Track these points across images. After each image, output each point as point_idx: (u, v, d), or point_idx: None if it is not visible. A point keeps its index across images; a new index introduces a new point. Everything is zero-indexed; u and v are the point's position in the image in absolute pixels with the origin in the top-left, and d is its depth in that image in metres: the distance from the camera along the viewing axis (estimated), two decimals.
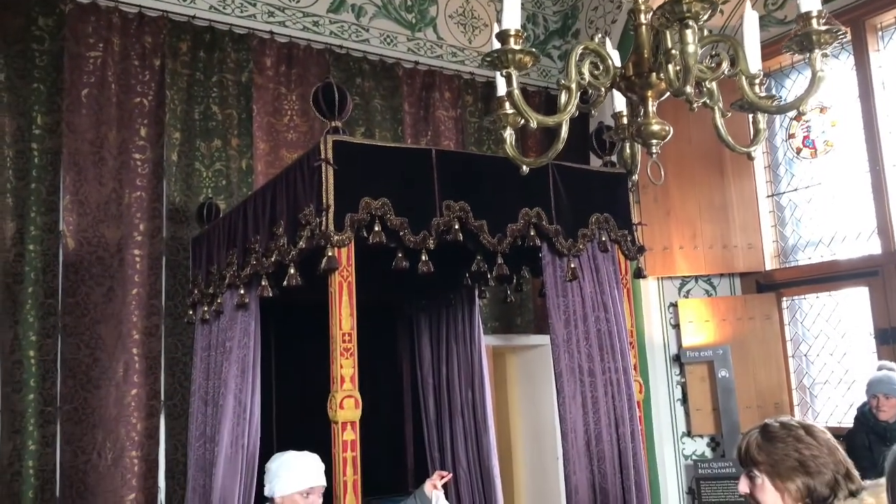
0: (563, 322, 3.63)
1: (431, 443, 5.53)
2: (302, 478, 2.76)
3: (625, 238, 3.87)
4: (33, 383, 4.50)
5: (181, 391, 4.92)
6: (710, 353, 5.97)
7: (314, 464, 2.81)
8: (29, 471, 4.42)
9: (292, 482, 2.76)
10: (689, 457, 6.09)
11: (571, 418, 3.53)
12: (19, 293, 4.54)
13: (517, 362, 7.09)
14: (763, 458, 1.84)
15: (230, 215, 4.28)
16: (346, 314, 3.17)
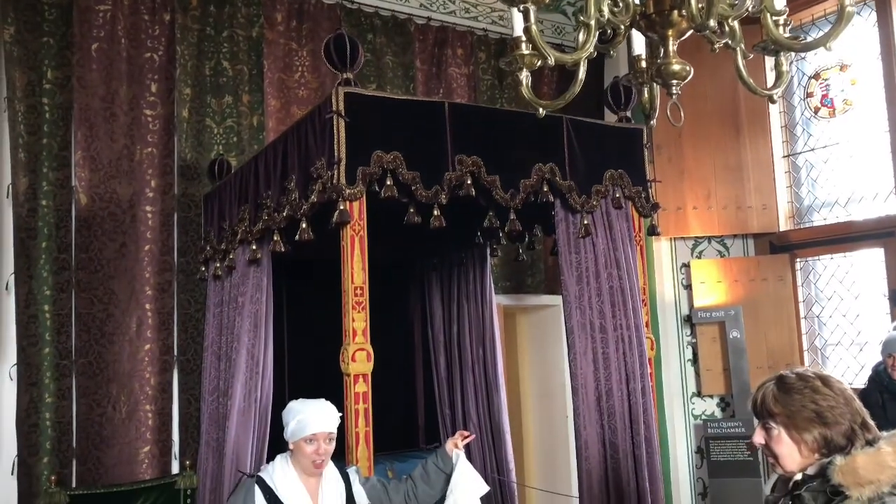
0: (575, 279, 3.62)
1: (442, 400, 5.57)
2: (305, 424, 2.77)
3: (639, 195, 3.84)
4: (48, 337, 4.55)
5: (194, 346, 4.96)
6: (722, 314, 5.96)
7: (319, 410, 2.79)
8: (46, 423, 4.48)
9: (298, 429, 2.78)
10: (698, 417, 6.11)
11: (582, 374, 3.53)
12: (33, 248, 4.57)
13: (528, 322, 7.11)
14: (779, 410, 1.83)
15: (241, 171, 4.26)
16: (358, 268, 3.17)
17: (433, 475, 3.05)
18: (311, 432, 2.75)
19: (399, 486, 3.05)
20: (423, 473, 3.07)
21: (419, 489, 3.03)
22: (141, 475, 4.66)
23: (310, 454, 2.75)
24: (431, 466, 3.06)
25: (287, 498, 2.73)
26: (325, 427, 2.77)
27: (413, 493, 3.03)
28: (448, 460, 3.03)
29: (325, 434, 2.77)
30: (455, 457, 3.04)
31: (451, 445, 3.06)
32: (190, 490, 4.64)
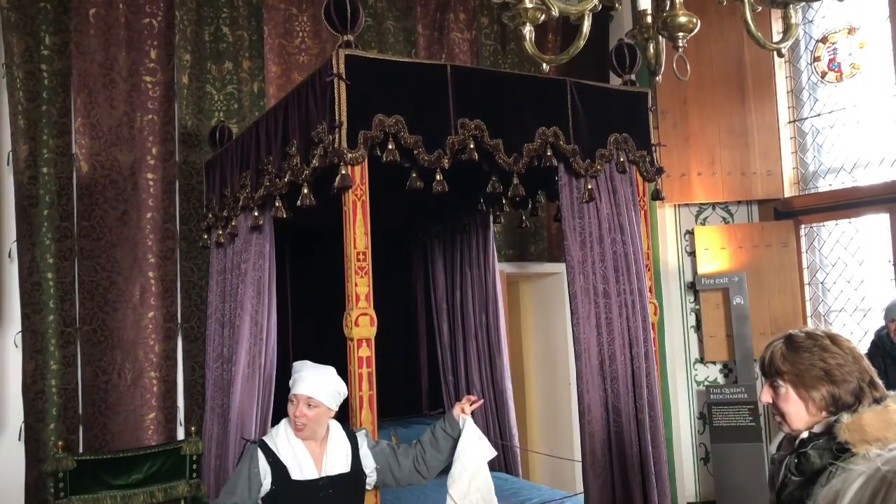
0: (578, 244, 3.60)
1: (445, 366, 5.60)
2: (293, 384, 2.79)
3: (643, 159, 3.80)
4: (52, 305, 4.56)
5: (197, 314, 4.97)
6: (726, 281, 5.95)
7: (309, 375, 2.78)
8: (52, 389, 4.51)
9: (290, 387, 2.80)
10: (701, 383, 6.13)
11: (585, 339, 3.53)
12: (35, 216, 4.55)
13: (531, 290, 7.10)
14: (788, 368, 1.82)
15: (242, 137, 4.23)
16: (361, 233, 3.15)
17: (441, 440, 3.05)
18: (292, 393, 2.77)
19: (408, 451, 3.06)
20: (432, 438, 3.06)
21: (428, 454, 3.03)
22: (147, 441, 4.70)
23: (290, 414, 2.77)
24: (439, 431, 3.06)
25: (289, 460, 2.74)
26: (304, 390, 2.75)
27: (422, 458, 3.03)
28: (455, 425, 3.03)
29: (304, 397, 2.75)
30: (462, 422, 3.04)
31: (458, 410, 3.05)
32: (195, 456, 4.68)
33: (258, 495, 2.74)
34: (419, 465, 3.02)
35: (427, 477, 3.08)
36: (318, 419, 2.78)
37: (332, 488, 2.75)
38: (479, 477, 2.96)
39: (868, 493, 0.81)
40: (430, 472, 3.06)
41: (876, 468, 0.83)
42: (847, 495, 0.83)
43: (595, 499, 3.44)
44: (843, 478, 0.86)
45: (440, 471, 3.11)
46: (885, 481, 0.81)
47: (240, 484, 2.75)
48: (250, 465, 2.76)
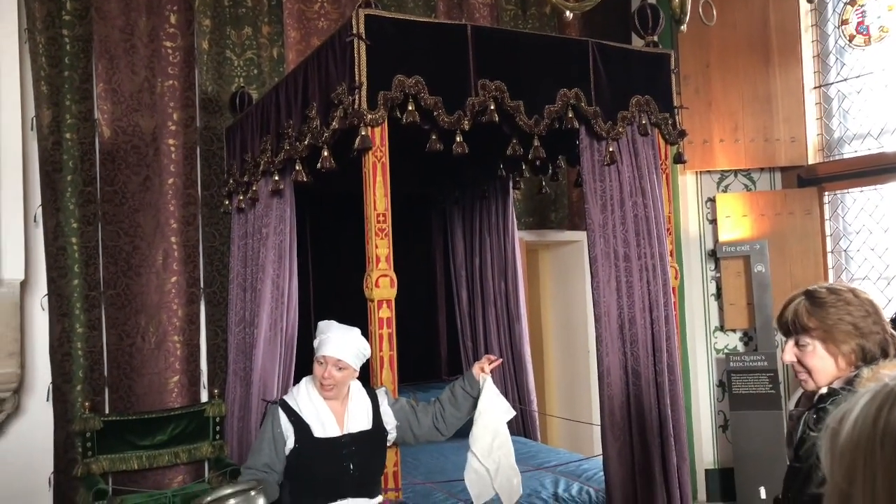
0: (599, 207, 3.59)
1: (464, 332, 5.62)
2: (320, 345, 2.81)
3: (665, 122, 3.76)
4: (77, 269, 4.62)
5: (220, 279, 5.02)
6: (747, 248, 5.89)
7: (338, 336, 2.81)
8: (78, 352, 4.59)
9: (316, 348, 2.82)
10: (720, 351, 6.11)
11: (605, 302, 3.53)
12: (59, 181, 4.60)
13: (550, 259, 7.09)
14: (815, 324, 1.82)
15: (263, 102, 4.24)
16: (381, 195, 3.16)
17: (461, 398, 3.07)
18: (321, 354, 2.79)
19: (427, 409, 3.09)
20: (451, 397, 3.09)
21: (447, 412, 3.07)
22: (171, 403, 4.78)
23: (318, 375, 2.79)
24: (459, 390, 3.08)
25: (311, 418, 2.78)
26: (334, 353, 2.77)
27: (441, 416, 3.06)
28: (475, 384, 3.05)
29: (333, 359, 2.77)
30: (482, 381, 3.06)
31: (478, 370, 3.08)
32: (218, 418, 4.77)
33: (284, 454, 2.79)
34: (438, 423, 3.06)
35: (445, 434, 3.11)
36: (345, 380, 2.82)
37: (355, 445, 2.78)
38: (501, 435, 2.99)
39: (875, 406, 0.82)
40: (449, 429, 3.10)
41: (884, 384, 0.84)
42: (854, 411, 0.84)
43: (614, 461, 3.46)
44: (852, 398, 0.87)
45: (457, 428, 3.15)
46: (891, 394, 0.82)
47: (265, 444, 2.80)
48: (273, 424, 2.80)
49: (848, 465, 0.82)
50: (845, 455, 0.83)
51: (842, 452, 0.84)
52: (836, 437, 0.86)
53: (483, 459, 2.94)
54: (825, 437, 0.89)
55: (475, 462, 2.96)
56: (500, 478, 2.96)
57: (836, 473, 0.84)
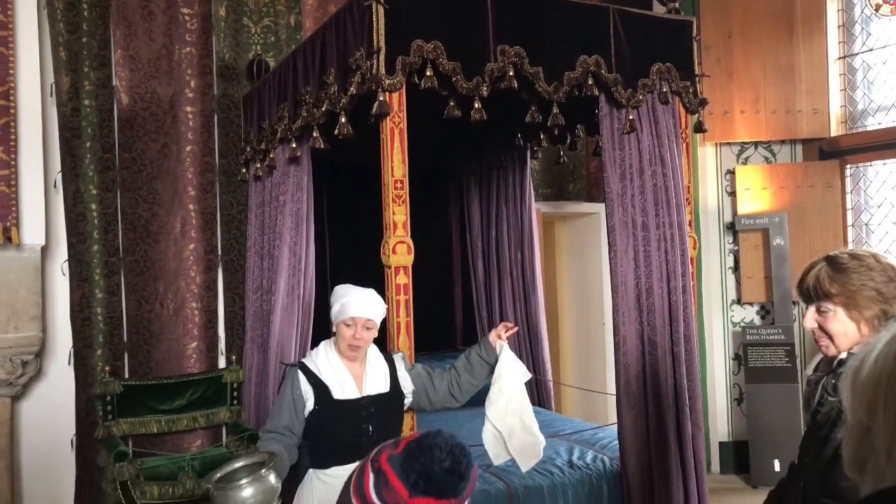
0: (618, 176, 3.56)
1: (480, 303, 5.63)
2: (347, 308, 2.82)
3: (686, 90, 3.71)
4: (96, 235, 4.66)
5: (237, 247, 5.05)
6: (766, 221, 5.84)
7: (362, 297, 2.83)
8: (98, 317, 4.65)
9: (340, 311, 2.83)
10: (737, 324, 6.09)
11: (622, 272, 3.52)
12: (78, 148, 4.63)
13: (567, 231, 7.07)
14: (837, 290, 1.80)
15: (280, 68, 4.22)
16: (398, 161, 3.15)
17: (476, 365, 3.09)
18: (350, 315, 2.80)
19: (443, 375, 3.10)
20: (467, 363, 3.10)
21: (462, 378, 3.08)
22: (189, 369, 4.84)
23: (347, 337, 2.80)
24: (475, 357, 3.10)
25: (330, 380, 2.80)
26: (364, 313, 2.80)
27: (456, 382, 3.08)
28: (492, 351, 3.07)
29: (363, 320, 2.80)
30: (499, 347, 3.08)
31: (495, 336, 3.09)
32: (236, 384, 4.82)
33: (304, 416, 2.81)
34: (453, 389, 3.07)
35: (460, 401, 3.13)
36: (371, 340, 2.85)
37: (374, 407, 2.81)
38: (516, 400, 3.00)
39: (894, 347, 0.85)
40: (464, 395, 3.12)
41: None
42: (875, 349, 0.87)
43: (629, 430, 3.47)
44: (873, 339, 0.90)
45: (472, 395, 3.17)
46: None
47: (285, 407, 2.83)
48: (292, 387, 2.83)
49: (869, 400, 0.85)
50: (867, 391, 0.86)
51: (863, 388, 0.87)
52: (858, 374, 0.89)
53: (496, 423, 2.96)
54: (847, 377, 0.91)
55: (489, 425, 2.98)
56: (514, 442, 2.98)
57: (857, 409, 0.88)
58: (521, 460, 3.03)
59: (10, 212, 3.98)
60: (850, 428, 0.89)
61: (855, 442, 0.88)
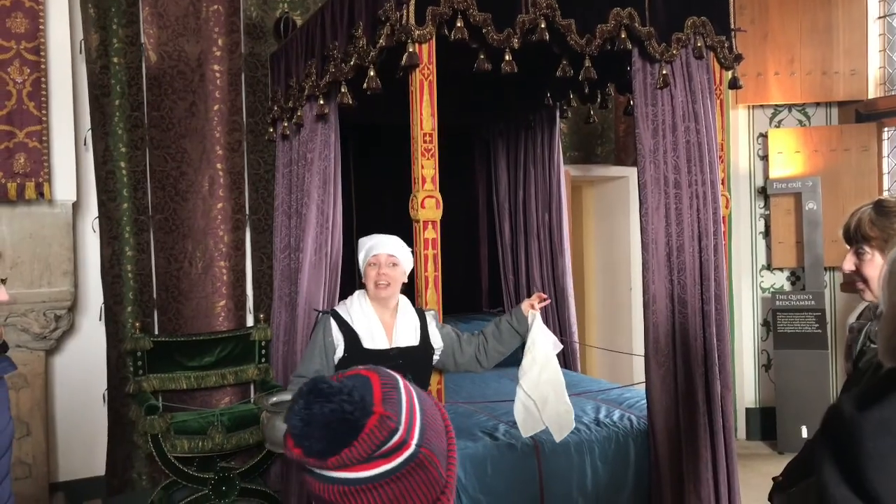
0: (650, 132, 3.49)
1: (506, 265, 5.61)
2: (370, 249, 2.84)
3: (721, 45, 3.62)
4: (126, 193, 4.70)
5: (265, 206, 5.06)
6: (799, 185, 5.74)
7: (384, 238, 2.87)
8: (128, 274, 4.70)
9: (364, 256, 2.86)
10: (766, 290, 6.02)
11: (653, 229, 3.47)
12: (107, 105, 4.64)
13: (595, 195, 7.01)
14: (876, 233, 1.76)
15: (308, 25, 4.19)
16: (427, 114, 3.12)
17: (506, 334, 3.09)
18: (373, 254, 2.82)
19: (471, 339, 3.11)
20: (496, 331, 3.11)
21: (490, 344, 3.09)
22: (217, 327, 4.89)
23: (373, 276, 2.82)
24: (505, 325, 3.10)
25: (361, 329, 2.81)
26: (385, 249, 2.83)
27: (483, 348, 3.09)
28: (523, 320, 3.06)
29: (385, 255, 2.83)
30: (531, 317, 3.06)
31: (527, 306, 3.08)
32: (264, 342, 4.86)
33: (334, 362, 2.83)
34: (480, 355, 3.08)
35: (485, 366, 3.13)
36: (398, 280, 2.88)
37: (402, 359, 2.82)
38: (549, 369, 2.99)
39: None
40: (490, 362, 3.12)
41: None
42: None
43: (657, 388, 3.45)
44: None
45: (497, 363, 3.17)
46: None
47: (316, 352, 2.85)
48: (324, 333, 2.85)
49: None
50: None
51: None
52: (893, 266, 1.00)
53: (530, 392, 2.95)
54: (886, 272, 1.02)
55: (523, 395, 2.98)
56: (548, 410, 2.98)
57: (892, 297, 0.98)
58: (555, 430, 3.03)
59: (42, 167, 4.01)
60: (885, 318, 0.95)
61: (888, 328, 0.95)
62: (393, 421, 0.99)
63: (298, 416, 0.97)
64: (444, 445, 1.07)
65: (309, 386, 0.99)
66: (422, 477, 1.01)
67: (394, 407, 1.00)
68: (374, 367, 1.07)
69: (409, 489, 1.00)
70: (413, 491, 1.00)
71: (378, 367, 1.07)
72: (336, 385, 0.98)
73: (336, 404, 0.96)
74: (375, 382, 1.02)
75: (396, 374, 1.07)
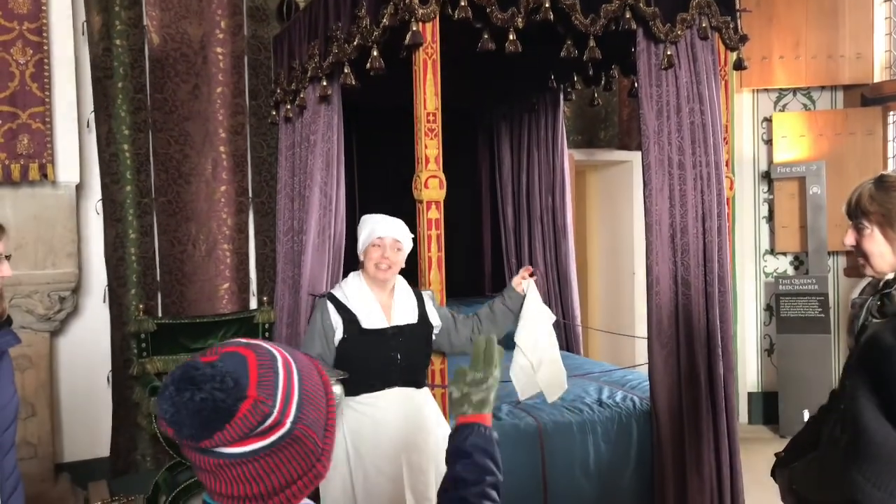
0: (655, 113, 3.48)
1: (509, 249, 5.61)
2: (373, 230, 2.83)
3: (727, 25, 3.61)
4: (129, 175, 4.70)
5: (268, 189, 5.06)
6: (803, 169, 5.72)
7: (389, 220, 2.86)
8: (131, 257, 4.71)
9: (367, 237, 2.84)
10: (769, 274, 6.01)
11: (657, 210, 3.46)
12: (110, 87, 4.64)
13: (598, 179, 7.00)
14: (875, 208, 1.76)
15: (311, 6, 4.17)
16: (431, 93, 3.11)
17: (500, 314, 3.09)
18: (378, 235, 2.81)
19: (467, 321, 3.11)
20: (490, 313, 3.11)
21: (484, 326, 3.08)
22: (221, 309, 4.90)
23: (376, 258, 2.81)
24: (499, 306, 3.10)
25: (359, 309, 2.81)
26: (391, 233, 2.82)
27: (478, 330, 3.07)
28: (516, 297, 3.07)
29: (391, 240, 2.82)
30: (526, 286, 3.08)
31: (518, 281, 3.10)
32: (268, 324, 4.87)
33: (334, 344, 2.83)
34: (475, 336, 3.05)
35: None
36: (399, 265, 2.87)
37: (402, 337, 2.82)
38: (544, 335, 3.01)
39: None
40: None
41: None
42: None
43: (659, 369, 3.45)
44: None
45: None
46: None
47: (316, 336, 2.85)
48: (322, 317, 2.85)
49: None
50: None
51: None
52: None
53: (528, 353, 2.96)
54: None
55: (520, 357, 2.99)
56: (542, 372, 2.99)
57: None
58: (549, 391, 3.04)
59: (45, 149, 4.01)
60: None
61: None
62: (267, 405, 1.00)
63: (169, 401, 0.97)
64: (322, 416, 1.09)
65: (181, 371, 0.99)
66: (296, 450, 1.04)
67: (268, 389, 1.02)
68: (253, 343, 1.07)
69: (283, 462, 1.03)
70: (287, 463, 1.04)
71: (257, 343, 1.07)
72: (209, 371, 0.98)
73: (207, 393, 0.97)
74: (252, 363, 1.03)
75: (275, 348, 1.07)
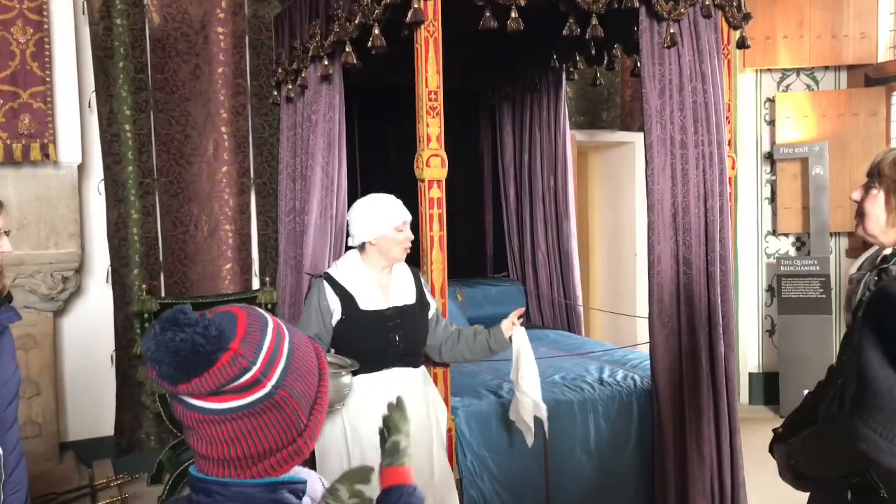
0: (657, 92, 3.47)
1: (511, 230, 5.61)
2: (395, 213, 2.81)
3: (730, 3, 3.58)
4: (131, 156, 4.70)
5: (269, 170, 5.06)
6: (806, 150, 5.71)
7: (399, 201, 2.88)
8: (134, 237, 4.72)
9: (386, 220, 2.80)
10: (771, 255, 6.01)
11: (659, 189, 3.46)
12: (111, 67, 4.63)
13: (601, 161, 6.99)
14: (889, 173, 1.77)
15: None
16: (433, 71, 3.10)
17: (479, 345, 2.99)
18: (402, 220, 2.82)
19: (447, 328, 3.04)
20: (471, 338, 3.01)
21: (459, 345, 3.00)
22: (224, 290, 4.92)
23: (403, 241, 2.82)
24: (482, 339, 2.99)
25: (357, 291, 2.81)
26: (408, 215, 2.88)
27: (452, 344, 3.00)
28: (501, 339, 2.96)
29: (409, 221, 2.86)
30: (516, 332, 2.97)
31: (509, 325, 2.97)
32: (270, 304, 4.88)
33: (331, 325, 2.84)
34: (444, 346, 3.01)
35: (442, 359, 3.07)
36: None
37: (400, 317, 2.83)
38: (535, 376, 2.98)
39: None
40: (447, 358, 3.05)
41: None
42: None
43: (660, 348, 3.47)
44: None
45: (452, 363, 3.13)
46: None
47: (313, 316, 2.84)
48: (318, 297, 2.84)
49: None
50: None
51: None
52: None
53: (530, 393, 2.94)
54: None
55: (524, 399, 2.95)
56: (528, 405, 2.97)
57: None
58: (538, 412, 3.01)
59: (46, 129, 4.01)
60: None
61: None
62: (246, 360, 1.04)
63: (152, 339, 1.03)
64: (311, 392, 1.13)
65: (169, 313, 1.04)
66: (276, 416, 1.08)
67: (252, 346, 1.06)
68: (251, 307, 1.12)
69: (262, 426, 1.07)
70: (266, 428, 1.07)
71: (255, 308, 1.12)
72: (194, 318, 1.03)
73: (188, 335, 1.01)
74: (241, 320, 1.08)
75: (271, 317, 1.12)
